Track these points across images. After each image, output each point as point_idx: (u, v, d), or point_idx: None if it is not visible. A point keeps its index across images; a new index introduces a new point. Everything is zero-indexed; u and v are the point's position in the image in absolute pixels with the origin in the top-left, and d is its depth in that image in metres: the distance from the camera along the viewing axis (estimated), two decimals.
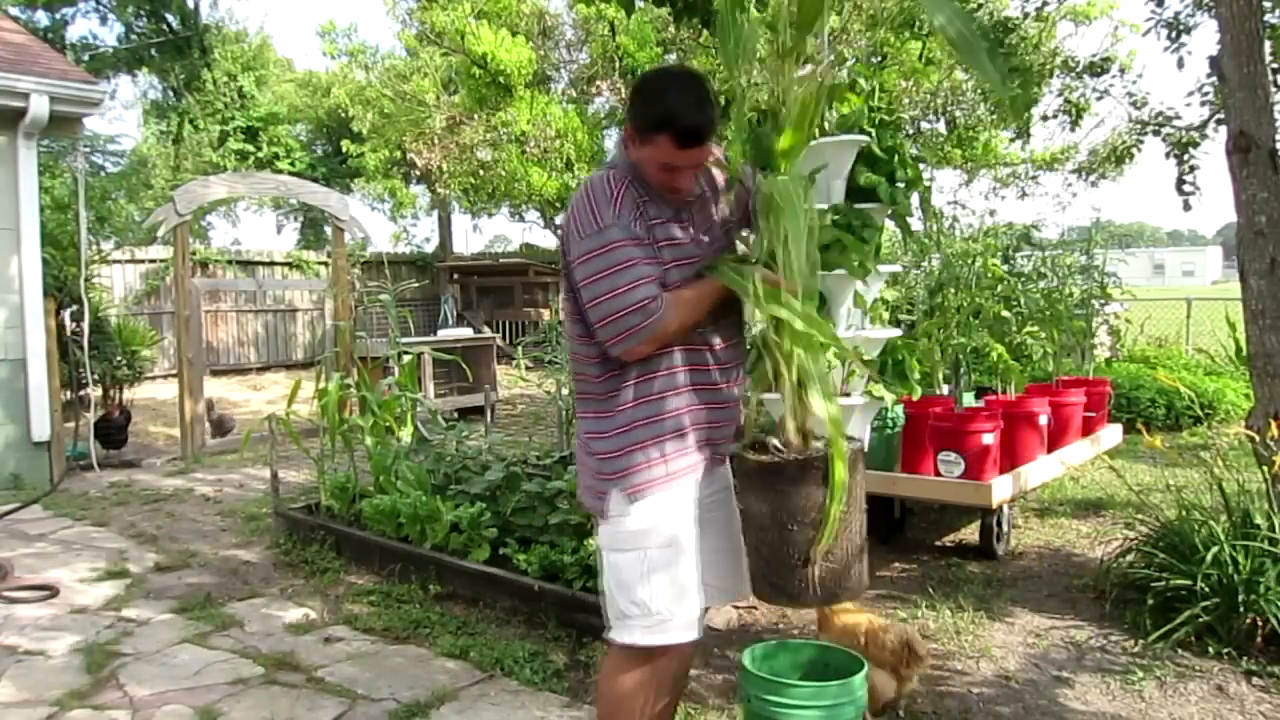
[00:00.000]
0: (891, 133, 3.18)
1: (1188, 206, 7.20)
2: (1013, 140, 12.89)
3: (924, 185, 3.25)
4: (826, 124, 3.23)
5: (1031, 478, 4.59)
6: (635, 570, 2.06)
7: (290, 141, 20.55)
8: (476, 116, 13.06)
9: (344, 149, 16.60)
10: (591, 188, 2.06)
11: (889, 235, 6.19)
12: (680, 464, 2.09)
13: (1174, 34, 6.78)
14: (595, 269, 1.98)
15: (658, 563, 2.05)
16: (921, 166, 3.72)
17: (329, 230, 11.79)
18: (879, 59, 12.00)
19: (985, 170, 14.53)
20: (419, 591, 4.13)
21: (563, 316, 2.23)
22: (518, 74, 12.48)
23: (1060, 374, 5.83)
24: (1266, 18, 5.17)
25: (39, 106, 6.50)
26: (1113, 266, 7.52)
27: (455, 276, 16.25)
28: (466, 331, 11.27)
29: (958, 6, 1.86)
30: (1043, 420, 4.72)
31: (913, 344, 3.46)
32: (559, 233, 2.18)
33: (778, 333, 1.99)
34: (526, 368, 8.05)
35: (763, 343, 2.06)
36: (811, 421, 1.99)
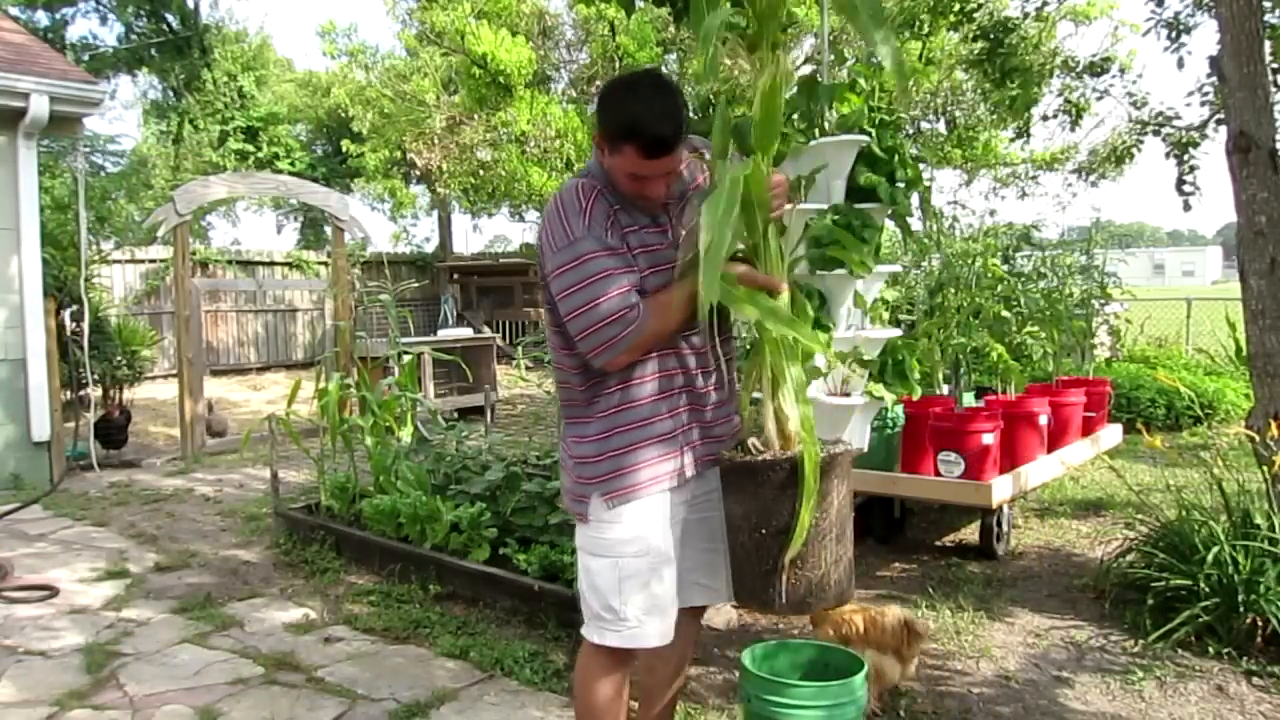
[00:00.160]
0: (891, 133, 3.19)
1: (1188, 206, 7.22)
2: (1013, 140, 12.87)
3: (924, 185, 3.25)
4: (827, 124, 3.23)
5: (1031, 478, 4.59)
6: (609, 577, 2.06)
7: (290, 141, 20.55)
8: (476, 116, 13.06)
9: (344, 149, 16.59)
10: (562, 199, 2.03)
11: (889, 235, 6.20)
12: (660, 470, 2.06)
13: (1174, 34, 6.79)
14: (570, 282, 1.96)
15: (632, 572, 2.05)
16: (921, 166, 3.72)
17: (329, 230, 11.78)
18: (879, 59, 11.99)
19: (985, 170, 14.54)
20: (419, 591, 4.13)
21: (544, 326, 2.21)
22: (518, 74, 12.48)
23: (1060, 374, 5.83)
24: (1266, 18, 5.17)
25: (39, 106, 6.50)
26: (1113, 266, 7.53)
27: (455, 276, 16.25)
28: (466, 331, 11.27)
29: None
30: (1043, 420, 4.73)
31: (913, 344, 3.45)
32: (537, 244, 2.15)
33: (759, 330, 1.97)
34: (526, 368, 8.05)
35: (750, 340, 2.04)
36: (793, 423, 1.94)
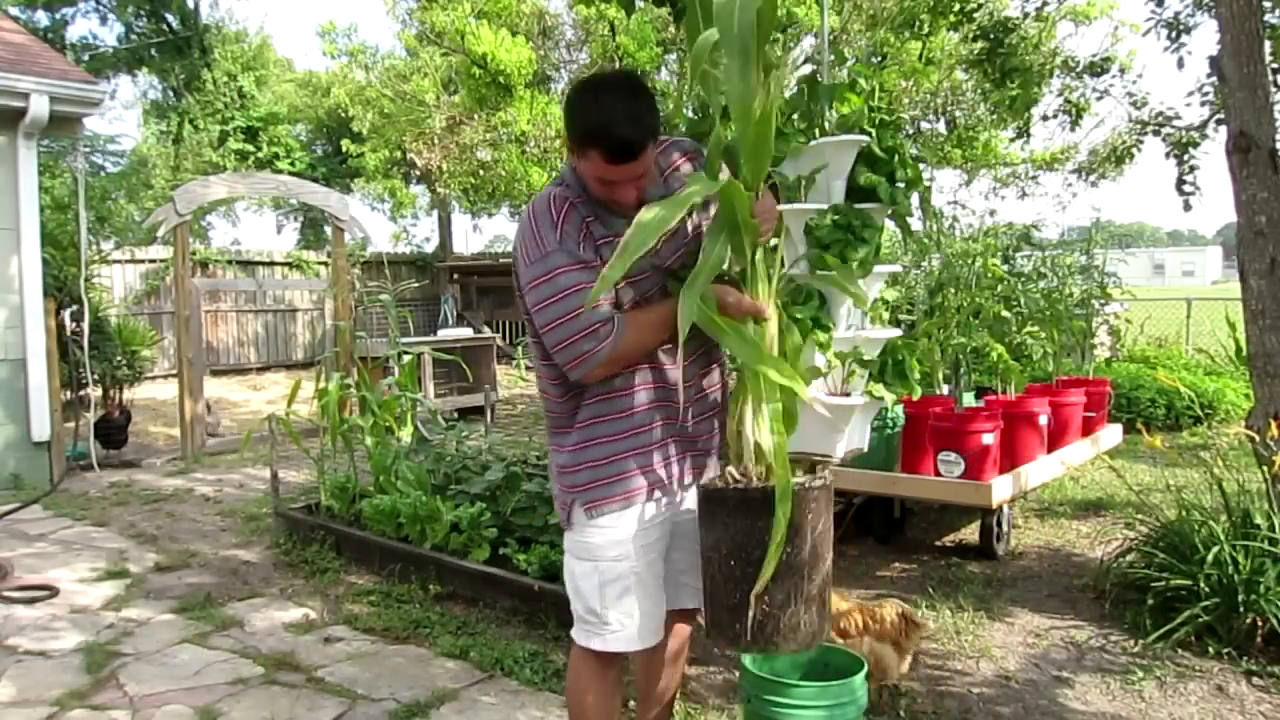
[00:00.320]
0: (891, 133, 3.17)
1: (1188, 206, 7.21)
2: (1013, 140, 12.88)
3: (924, 185, 3.24)
4: (827, 124, 3.22)
5: (1031, 478, 4.59)
6: (592, 582, 2.07)
7: (290, 141, 20.55)
8: (476, 116, 13.05)
9: (344, 149, 16.58)
10: (535, 211, 2.01)
11: (889, 235, 6.19)
12: (639, 481, 2.06)
13: (1174, 34, 6.78)
14: (543, 295, 1.95)
15: (613, 576, 2.06)
16: (921, 166, 3.72)
17: (329, 230, 11.78)
18: (879, 59, 12.00)
19: (985, 170, 14.53)
20: (419, 591, 4.13)
21: (527, 336, 2.21)
22: (518, 74, 12.47)
23: (1060, 374, 5.83)
24: (1266, 18, 5.17)
25: (39, 106, 6.50)
26: (1113, 266, 7.52)
27: (455, 276, 16.25)
28: (466, 331, 11.26)
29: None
30: (1043, 420, 4.72)
31: (913, 344, 3.44)
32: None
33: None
34: (526, 367, 8.06)
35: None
36: (768, 453, 1.88)
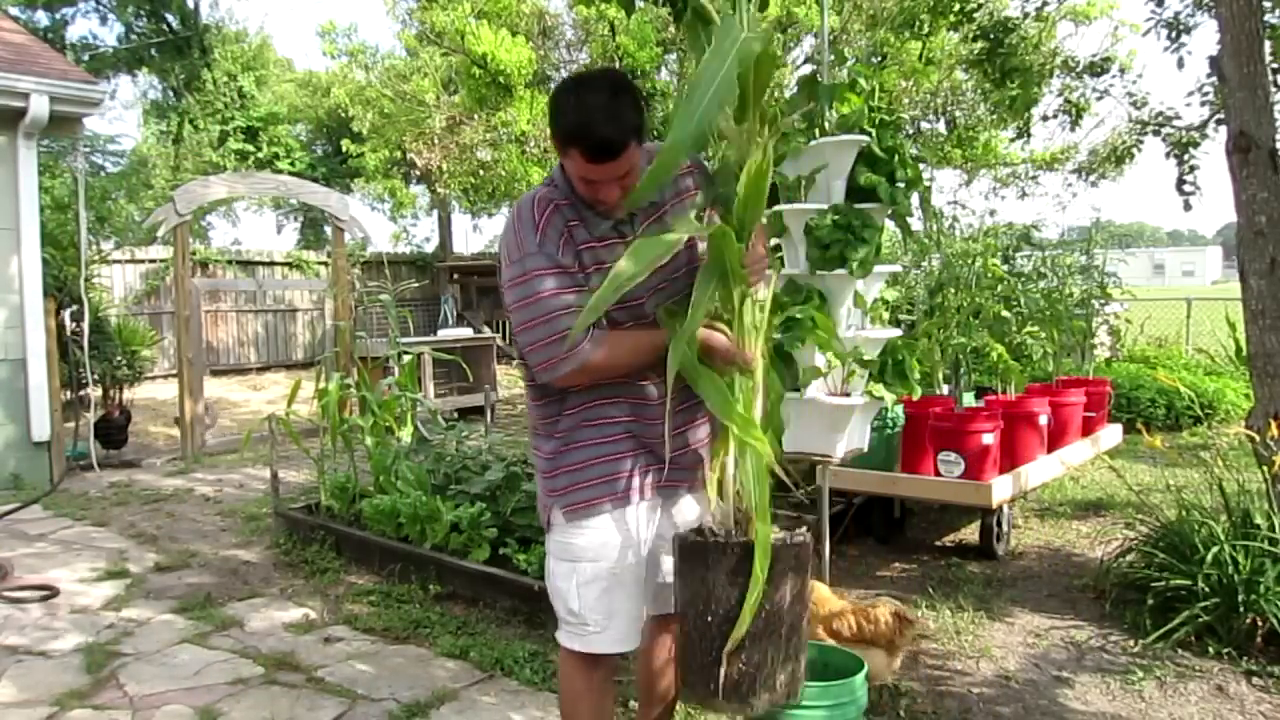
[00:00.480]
0: (891, 133, 3.18)
1: (1188, 206, 7.21)
2: (1013, 140, 12.87)
3: (924, 185, 3.25)
4: (827, 124, 3.23)
5: (1031, 478, 4.59)
6: (569, 582, 2.11)
7: (290, 141, 20.53)
8: (476, 116, 13.04)
9: (344, 149, 16.56)
10: (519, 210, 2.02)
11: (889, 235, 6.20)
12: (612, 488, 2.07)
13: (1174, 34, 6.78)
14: (517, 296, 1.96)
15: (590, 578, 2.08)
16: (921, 166, 3.72)
17: (329, 230, 11.78)
18: (879, 59, 11.99)
19: (985, 170, 14.51)
20: (419, 591, 4.13)
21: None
22: (518, 74, 12.46)
23: (1060, 374, 5.83)
24: (1266, 18, 5.17)
25: (39, 106, 6.50)
26: (1113, 266, 7.53)
27: (455, 276, 16.24)
28: (466, 331, 11.26)
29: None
30: (1043, 420, 4.73)
31: (913, 344, 3.45)
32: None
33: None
34: None
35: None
36: (749, 506, 1.85)
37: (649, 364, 2.02)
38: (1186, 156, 7.07)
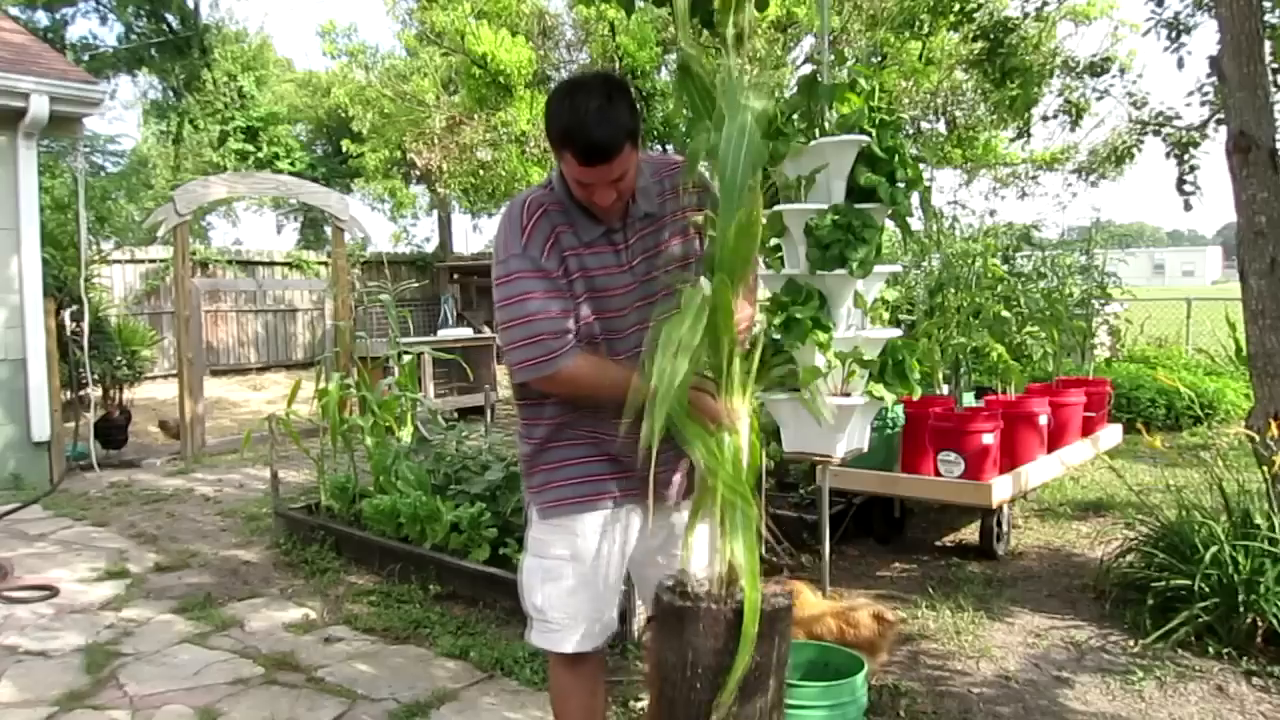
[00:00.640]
0: (891, 133, 3.18)
1: (1188, 206, 7.22)
2: (1013, 140, 12.86)
3: (924, 185, 3.24)
4: (827, 124, 3.23)
5: (1031, 478, 4.59)
6: (536, 576, 2.16)
7: (290, 141, 20.52)
8: (476, 116, 13.03)
9: (344, 149, 16.57)
10: (508, 212, 2.05)
11: (889, 235, 6.20)
12: (582, 490, 2.09)
13: (1174, 34, 6.78)
14: (500, 295, 2.00)
15: (555, 575, 2.12)
16: (921, 166, 3.71)
17: (329, 230, 11.77)
18: (879, 59, 11.99)
19: (985, 170, 14.51)
20: (419, 591, 4.13)
21: None
22: (518, 74, 12.46)
23: (1060, 374, 5.83)
24: (1266, 18, 5.17)
25: (39, 106, 6.50)
26: (1113, 266, 7.54)
27: (455, 276, 16.22)
28: (466, 331, 11.26)
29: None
30: (1043, 420, 4.73)
31: (913, 344, 3.45)
32: None
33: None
34: None
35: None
36: (737, 569, 1.81)
37: (620, 403, 1.95)
38: (1186, 156, 7.08)
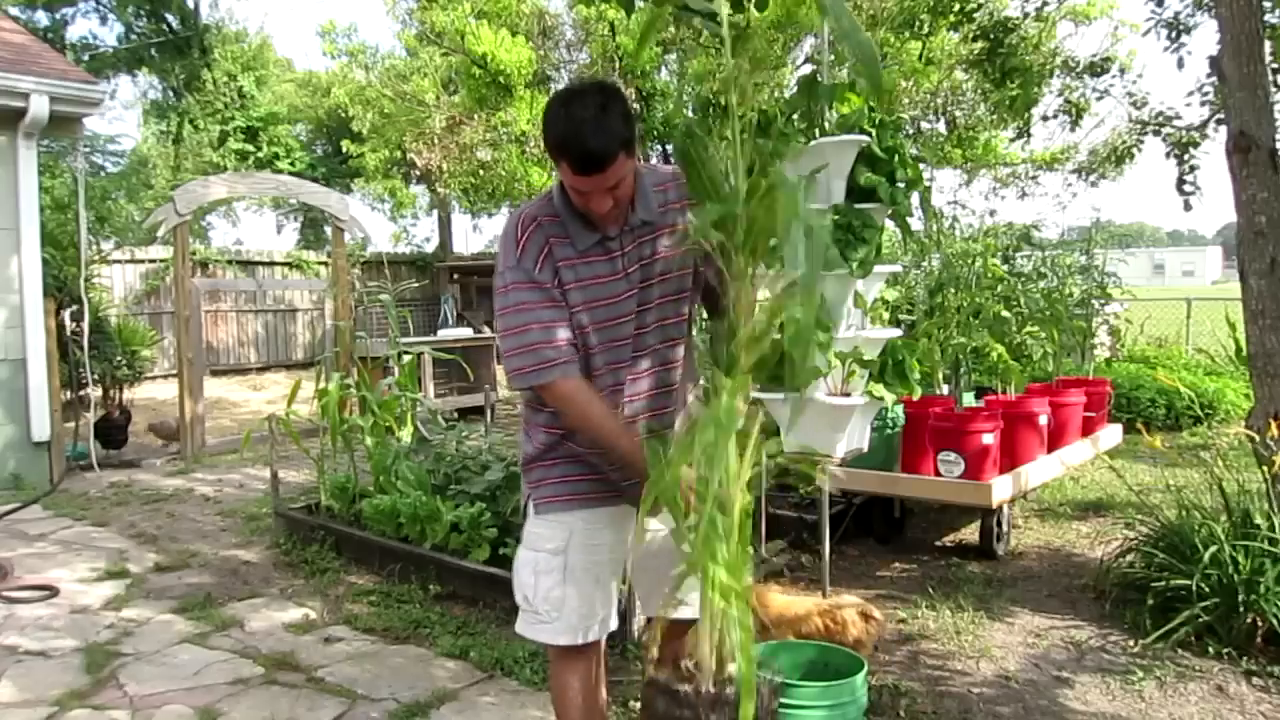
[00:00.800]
0: (891, 133, 3.18)
1: (1188, 206, 7.22)
2: (1013, 140, 12.86)
3: (924, 185, 3.23)
4: (827, 124, 3.22)
5: (1031, 478, 4.59)
6: (528, 569, 2.20)
7: (290, 141, 20.52)
8: (476, 116, 13.03)
9: (344, 149, 16.57)
10: (506, 228, 2.13)
11: (889, 235, 6.20)
12: (584, 488, 2.16)
13: (1174, 34, 6.78)
14: (499, 304, 2.07)
15: (545, 569, 2.17)
16: (921, 166, 3.71)
17: (329, 230, 11.77)
18: (879, 59, 11.98)
19: (985, 170, 14.51)
20: (419, 591, 4.13)
21: None
22: (518, 74, 12.46)
23: (1060, 374, 5.83)
24: (1266, 18, 5.17)
25: (39, 106, 6.50)
26: (1113, 266, 7.54)
27: (455, 276, 16.22)
28: (466, 331, 11.25)
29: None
30: (1043, 420, 4.72)
31: (913, 344, 3.45)
32: None
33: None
34: None
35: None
36: (729, 647, 1.79)
37: (602, 448, 2.06)
38: (1186, 156, 7.08)
